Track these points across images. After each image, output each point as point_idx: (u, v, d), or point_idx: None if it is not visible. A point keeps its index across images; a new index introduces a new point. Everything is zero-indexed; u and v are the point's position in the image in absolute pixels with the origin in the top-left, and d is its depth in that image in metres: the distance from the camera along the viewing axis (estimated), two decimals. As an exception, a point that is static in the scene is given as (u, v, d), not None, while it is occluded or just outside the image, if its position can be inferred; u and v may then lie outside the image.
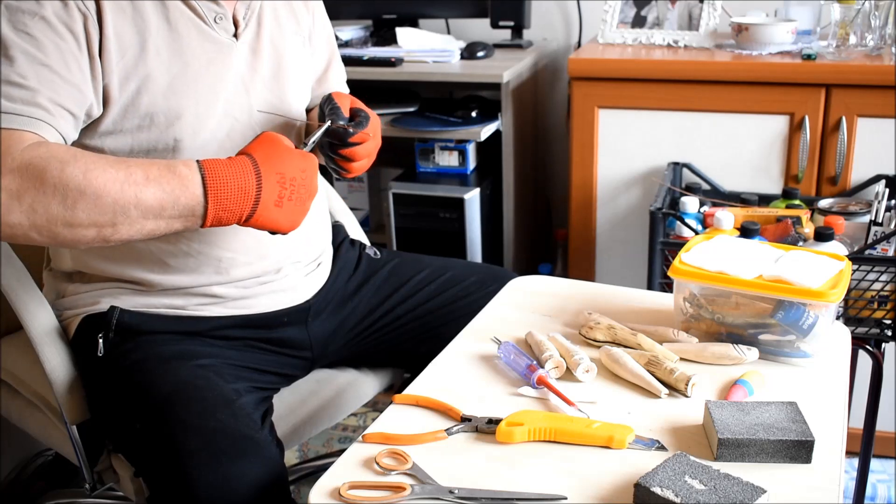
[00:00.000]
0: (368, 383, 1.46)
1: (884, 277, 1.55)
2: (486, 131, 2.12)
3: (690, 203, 1.74)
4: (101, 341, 1.19)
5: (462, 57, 2.24)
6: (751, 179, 1.92)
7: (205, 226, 1.02)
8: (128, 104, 1.12)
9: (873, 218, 1.59)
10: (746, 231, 1.56)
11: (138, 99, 1.12)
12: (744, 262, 1.08)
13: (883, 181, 1.72)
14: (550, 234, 2.60)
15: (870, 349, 1.62)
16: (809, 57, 1.84)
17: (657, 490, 0.81)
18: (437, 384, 1.05)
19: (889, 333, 1.60)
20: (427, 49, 2.24)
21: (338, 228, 1.51)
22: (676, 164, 1.92)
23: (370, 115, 1.23)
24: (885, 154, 1.81)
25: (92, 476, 1.29)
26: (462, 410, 0.98)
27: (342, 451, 0.93)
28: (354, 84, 1.53)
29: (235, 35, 1.21)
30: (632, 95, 1.94)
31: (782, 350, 1.08)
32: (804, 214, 1.66)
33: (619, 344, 1.11)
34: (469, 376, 1.07)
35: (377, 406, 2.18)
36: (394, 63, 2.18)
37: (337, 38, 2.35)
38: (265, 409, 1.20)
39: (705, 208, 1.77)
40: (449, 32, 2.50)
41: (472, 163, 2.26)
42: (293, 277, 1.30)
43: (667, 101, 1.92)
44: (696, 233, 1.69)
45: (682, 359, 1.08)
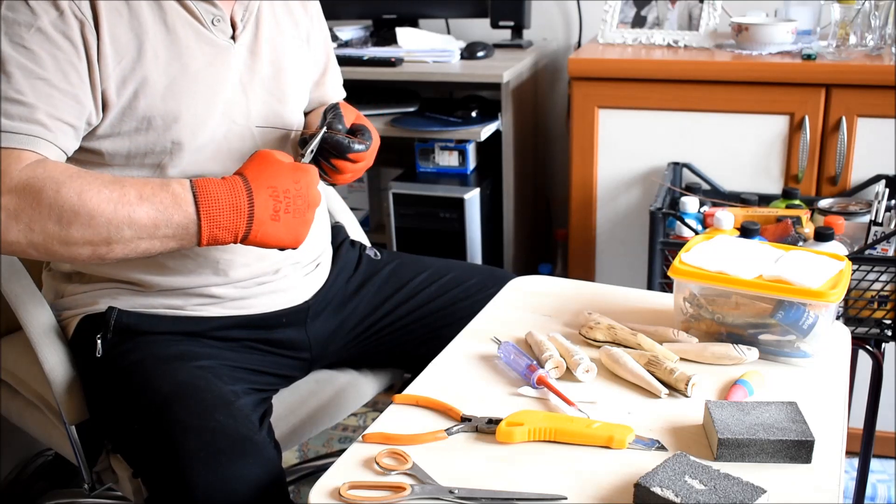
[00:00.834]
0: (368, 384, 1.46)
1: (884, 277, 1.55)
2: (486, 131, 2.12)
3: (690, 203, 1.74)
4: (100, 342, 1.19)
5: (462, 57, 2.24)
6: (751, 179, 1.92)
7: (201, 244, 1.03)
8: (125, 107, 1.11)
9: (873, 218, 1.59)
10: (746, 231, 1.56)
11: (136, 102, 1.12)
12: (744, 262, 1.08)
13: (883, 181, 1.72)
14: (550, 234, 2.60)
15: (870, 349, 1.62)
16: (809, 57, 1.84)
17: (657, 490, 0.81)
18: (437, 384, 1.05)
19: (889, 333, 1.60)
20: (427, 49, 2.24)
21: (338, 229, 1.51)
22: (676, 164, 1.92)
23: (373, 136, 1.23)
24: (885, 154, 1.81)
25: (91, 476, 1.29)
26: (462, 410, 0.98)
27: (342, 451, 0.93)
28: (354, 84, 1.53)
29: (233, 37, 1.20)
30: (632, 95, 1.94)
31: (782, 350, 1.08)
32: (804, 214, 1.66)
33: (619, 344, 1.11)
34: (469, 376, 1.07)
35: (377, 406, 2.18)
36: (394, 63, 2.18)
37: (337, 39, 2.36)
38: (264, 411, 1.20)
39: (705, 208, 1.77)
40: (449, 32, 2.50)
41: (472, 163, 2.26)
42: (292, 278, 1.30)
43: (667, 101, 1.92)
44: (696, 233, 1.69)
45: (682, 359, 1.08)
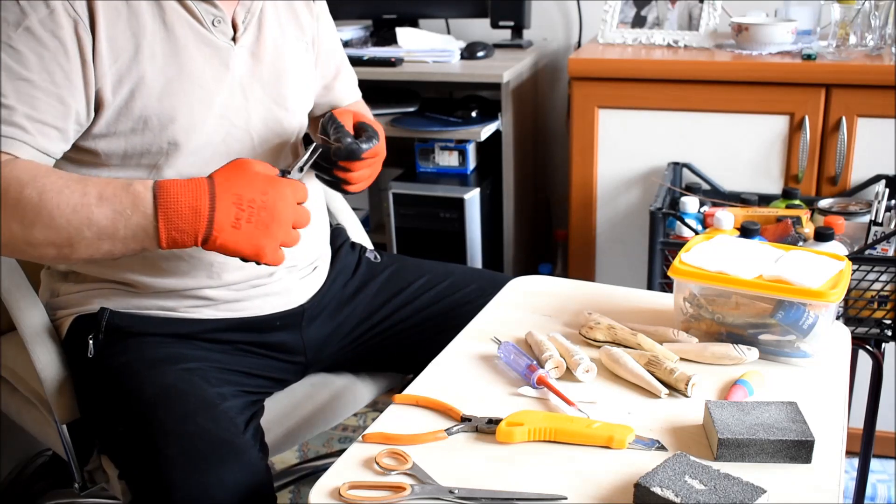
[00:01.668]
0: (365, 388, 1.44)
1: (884, 277, 1.55)
2: (486, 131, 2.12)
3: (690, 203, 1.74)
4: (91, 342, 1.19)
5: (462, 57, 2.24)
6: (751, 179, 1.92)
7: (161, 245, 1.01)
8: (121, 107, 1.11)
9: (873, 218, 1.59)
10: (746, 231, 1.56)
11: (132, 102, 1.11)
12: (744, 262, 1.08)
13: (883, 181, 1.72)
14: (550, 234, 2.60)
15: (870, 349, 1.62)
16: (809, 57, 1.84)
17: (657, 490, 0.81)
18: (437, 384, 1.05)
19: (889, 333, 1.60)
20: (427, 49, 2.24)
21: (339, 231, 1.50)
22: (676, 164, 1.92)
23: (377, 129, 1.23)
24: (885, 154, 1.81)
25: (81, 475, 1.30)
26: (462, 410, 0.97)
27: (342, 451, 0.93)
28: (354, 84, 1.54)
29: (234, 38, 1.19)
30: (632, 95, 1.94)
31: (782, 350, 1.08)
32: (804, 214, 1.66)
33: (619, 344, 1.11)
34: (469, 376, 1.07)
35: (377, 406, 2.18)
36: (394, 63, 2.18)
37: (337, 39, 2.36)
38: (252, 414, 1.19)
39: (705, 208, 1.77)
40: (449, 32, 2.50)
41: (472, 163, 2.26)
42: (287, 281, 1.29)
43: (667, 101, 1.92)
44: (696, 233, 1.69)
45: (682, 359, 1.08)
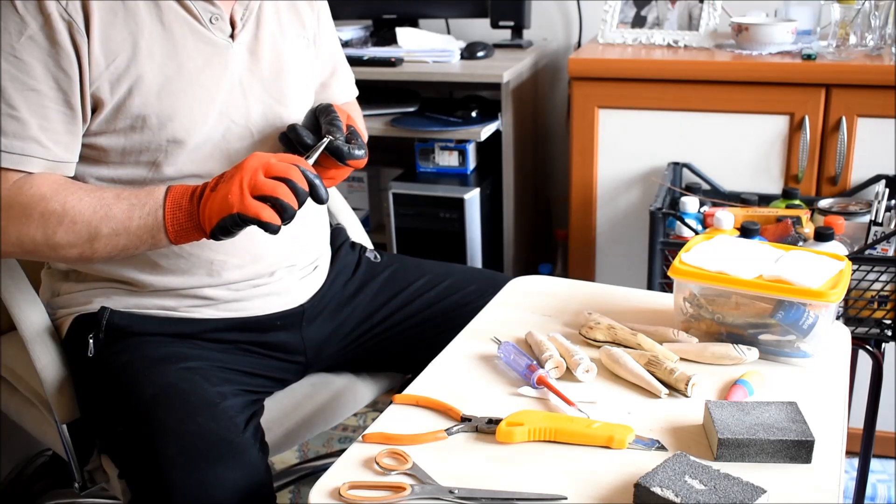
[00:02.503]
0: (365, 388, 1.44)
1: (884, 277, 1.55)
2: (486, 131, 2.12)
3: (690, 203, 1.74)
4: (92, 342, 1.19)
5: (462, 57, 2.24)
6: (751, 179, 1.92)
7: (168, 233, 1.06)
8: (119, 105, 1.11)
9: (873, 218, 1.59)
10: (746, 231, 1.56)
11: (130, 100, 1.11)
12: (744, 262, 1.08)
13: (883, 181, 1.72)
14: (550, 234, 2.60)
15: (870, 349, 1.62)
16: (809, 57, 1.84)
17: (657, 490, 0.81)
18: (437, 384, 1.05)
19: (889, 333, 1.60)
20: (427, 49, 2.24)
21: (339, 231, 1.50)
22: (676, 164, 1.92)
23: (363, 139, 1.24)
24: (885, 154, 1.81)
25: (81, 475, 1.30)
26: (462, 410, 0.98)
27: (342, 451, 0.93)
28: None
29: (232, 36, 1.19)
30: (632, 95, 1.94)
31: (782, 350, 1.08)
32: (804, 214, 1.66)
33: (619, 344, 1.11)
34: (469, 376, 1.07)
35: (377, 406, 2.18)
36: (394, 63, 2.18)
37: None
38: (252, 413, 1.19)
39: (705, 208, 1.77)
40: (449, 32, 2.50)
41: (472, 163, 2.26)
42: (287, 281, 1.29)
43: (667, 101, 1.92)
44: (696, 233, 1.69)
45: (682, 359, 1.08)
